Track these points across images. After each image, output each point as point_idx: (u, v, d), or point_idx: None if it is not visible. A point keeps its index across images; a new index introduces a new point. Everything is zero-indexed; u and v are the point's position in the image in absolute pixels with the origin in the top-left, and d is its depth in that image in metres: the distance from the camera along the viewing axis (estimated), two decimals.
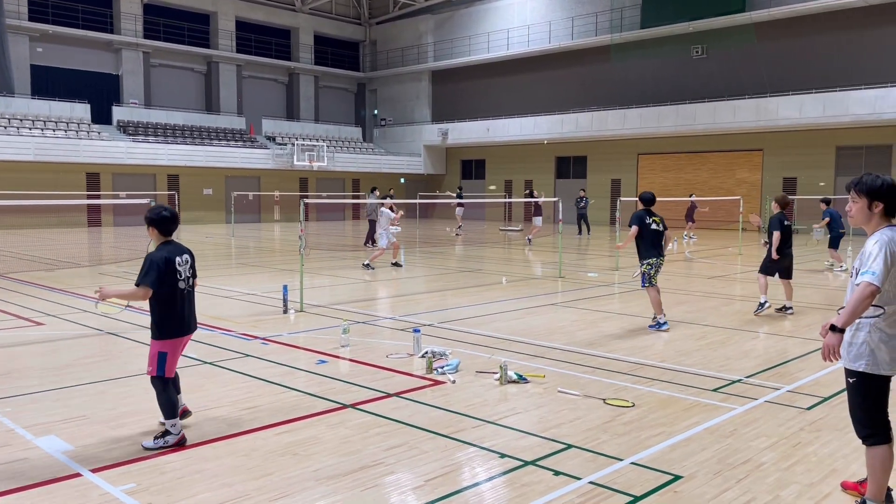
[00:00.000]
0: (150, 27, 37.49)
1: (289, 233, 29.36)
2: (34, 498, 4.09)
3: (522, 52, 37.77)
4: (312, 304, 10.85)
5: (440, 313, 10.38)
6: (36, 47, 33.92)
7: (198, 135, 36.54)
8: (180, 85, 39.22)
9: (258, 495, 4.15)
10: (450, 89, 42.50)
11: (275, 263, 17.67)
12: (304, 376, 6.86)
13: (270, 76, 42.89)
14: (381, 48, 45.97)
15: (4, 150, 28.70)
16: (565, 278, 14.29)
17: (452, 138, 40.38)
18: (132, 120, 35.12)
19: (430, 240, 26.03)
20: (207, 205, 35.08)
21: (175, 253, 5.04)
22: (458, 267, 17.05)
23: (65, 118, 32.57)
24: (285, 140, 39.16)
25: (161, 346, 4.98)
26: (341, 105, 46.49)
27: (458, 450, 4.90)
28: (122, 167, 32.06)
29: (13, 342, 8.36)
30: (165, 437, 4.88)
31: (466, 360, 7.35)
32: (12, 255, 18.85)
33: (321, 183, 39.39)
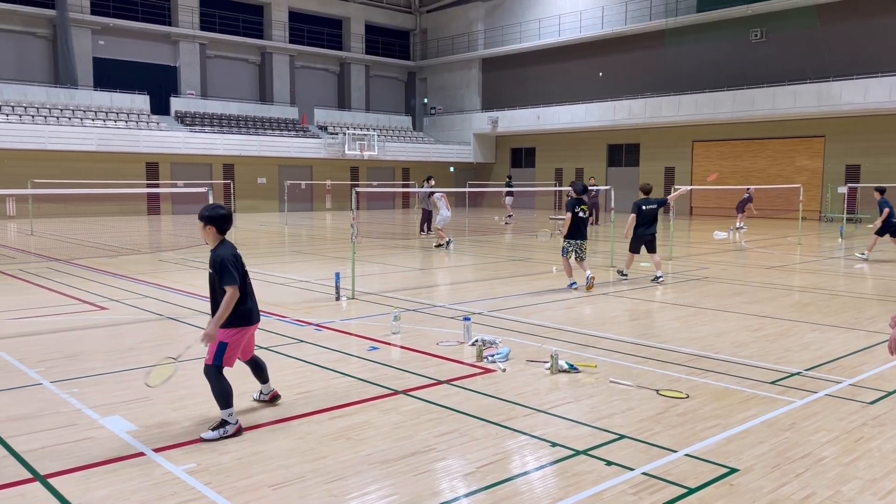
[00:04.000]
0: (207, 19, 38.27)
1: (339, 221, 29.71)
2: (100, 476, 4.26)
3: (574, 39, 37.26)
4: (364, 292, 10.97)
5: (490, 302, 10.38)
6: (98, 40, 34.98)
7: (252, 125, 37.22)
8: (235, 76, 39.97)
9: (313, 478, 4.24)
10: (500, 77, 42.24)
11: (326, 251, 17.91)
12: (356, 362, 6.96)
13: (322, 66, 43.34)
14: (431, 36, 45.95)
15: (69, 140, 29.76)
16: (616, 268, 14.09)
17: (502, 126, 40.17)
18: (189, 110, 35.96)
19: (479, 228, 26.01)
20: (261, 193, 35.74)
21: (235, 248, 5.16)
22: (507, 256, 17.00)
23: (125, 109, 33.55)
24: (337, 129, 39.56)
25: (223, 335, 4.97)
26: (392, 94, 46.70)
27: (508, 438, 4.91)
28: (179, 157, 32.90)
29: (79, 326, 8.69)
30: (225, 427, 4.88)
31: (517, 348, 7.34)
32: (77, 242, 19.58)
33: (371, 172, 39.71)
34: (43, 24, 33.40)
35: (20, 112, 30.18)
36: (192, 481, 4.16)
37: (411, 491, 4.08)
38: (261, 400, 5.61)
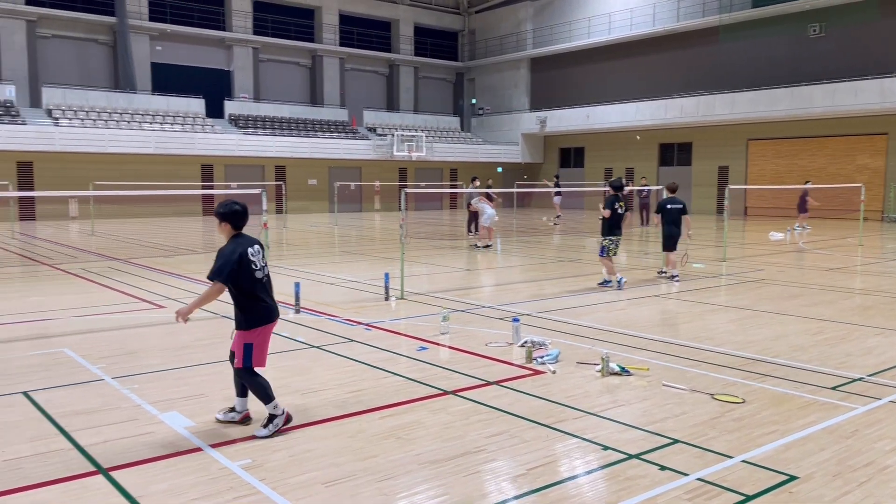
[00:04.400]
0: (259, 23, 39.01)
1: (388, 222, 29.94)
2: (160, 469, 4.38)
3: (625, 37, 36.76)
4: (412, 292, 11.03)
5: (538, 303, 10.32)
6: (155, 46, 35.99)
7: (303, 127, 37.80)
8: (287, 79, 40.64)
9: (364, 476, 4.28)
10: (549, 76, 41.95)
11: (375, 251, 18.07)
12: (405, 362, 7.00)
13: (371, 68, 43.73)
14: (479, 37, 45.92)
15: (127, 143, 30.70)
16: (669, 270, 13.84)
17: (551, 126, 39.88)
18: (242, 113, 36.71)
19: (527, 229, 25.88)
20: (312, 194, 36.25)
21: (245, 245, 5.03)
22: (556, 256, 16.88)
23: (181, 113, 34.44)
24: (385, 131, 39.87)
25: (247, 337, 4.99)
26: (440, 95, 46.83)
27: (559, 440, 4.87)
28: (233, 159, 33.62)
29: (137, 324, 8.96)
30: (274, 422, 4.94)
31: (566, 350, 7.28)
32: (135, 242, 20.18)
33: (420, 173, 39.90)
34: (104, 30, 34.55)
35: (82, 116, 31.26)
36: (248, 477, 4.25)
37: (461, 492, 4.09)
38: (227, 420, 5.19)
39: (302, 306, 9.62)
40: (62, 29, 33.58)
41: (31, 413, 5.42)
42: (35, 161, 28.79)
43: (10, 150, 28.08)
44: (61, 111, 30.98)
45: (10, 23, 31.86)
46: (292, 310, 9.51)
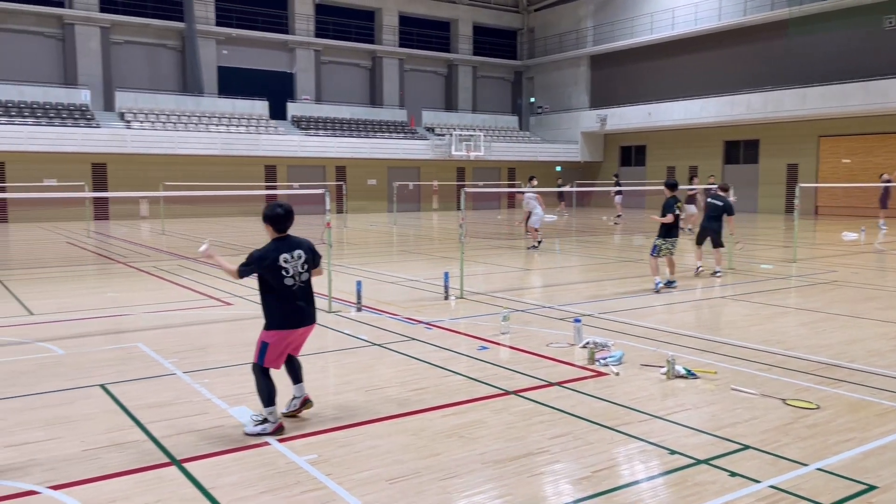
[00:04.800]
0: (321, 26, 39.69)
1: (446, 221, 30.02)
2: (229, 462, 4.50)
3: (689, 32, 35.91)
4: (471, 291, 11.03)
5: (600, 303, 10.18)
6: (221, 50, 37.02)
7: (363, 128, 38.27)
8: (347, 80, 41.23)
9: (428, 474, 4.30)
10: (609, 74, 41.34)
11: (433, 251, 18.15)
12: (466, 361, 7.01)
13: (430, 68, 43.95)
14: (538, 35, 45.62)
15: (195, 145, 31.67)
16: (735, 270, 13.49)
17: (611, 124, 39.29)
18: (304, 115, 37.41)
19: (587, 228, 25.58)
20: (371, 194, 36.67)
21: (282, 250, 5.01)
22: (616, 256, 16.62)
23: (246, 115, 35.33)
24: (444, 131, 40.01)
25: (265, 336, 5.02)
26: (498, 94, 46.72)
27: (624, 443, 4.80)
28: (295, 159, 34.29)
29: (207, 320, 9.23)
30: (264, 425, 4.93)
31: (630, 352, 7.15)
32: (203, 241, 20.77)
33: (478, 172, 39.89)
34: (173, 36, 35.72)
35: (153, 119, 32.40)
36: (314, 471, 4.33)
37: (525, 492, 4.07)
38: (291, 412, 5.25)
39: (363, 304, 9.74)
40: (134, 35, 34.88)
41: (108, 405, 5.65)
42: (109, 163, 29.97)
43: (86, 152, 29.32)
44: (133, 114, 32.17)
45: (85, 29, 33.27)
46: (354, 308, 9.63)
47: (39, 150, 28.32)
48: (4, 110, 29.57)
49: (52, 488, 4.10)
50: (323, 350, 7.54)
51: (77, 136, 29.21)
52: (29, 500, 3.97)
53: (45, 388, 6.11)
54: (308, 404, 5.31)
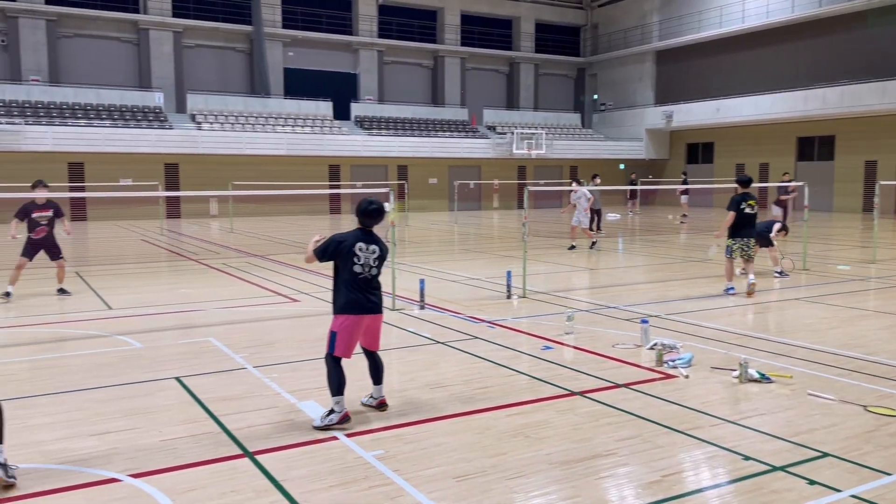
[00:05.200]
0: (384, 27, 40.10)
1: (507, 220, 29.92)
2: (300, 456, 4.60)
3: (760, 25, 34.76)
4: (534, 291, 10.96)
5: (667, 304, 9.96)
6: (288, 52, 37.81)
7: (424, 127, 38.49)
8: (409, 80, 41.54)
9: (494, 473, 4.30)
10: (675, 69, 40.40)
11: (494, 250, 18.11)
12: (529, 361, 6.97)
13: (492, 67, 43.86)
14: (602, 31, 44.96)
15: (262, 145, 32.46)
16: (810, 271, 13.00)
17: (677, 121, 38.40)
18: (367, 115, 37.88)
19: (652, 228, 25.08)
20: (432, 193, 36.84)
21: (358, 239, 5.26)
22: (683, 256, 16.24)
23: (311, 115, 35.99)
24: (505, 129, 39.87)
25: (334, 323, 5.24)
26: (560, 92, 46.28)
27: (695, 447, 4.68)
28: (358, 159, 34.76)
29: (274, 316, 9.45)
30: (330, 416, 5.06)
31: (699, 354, 6.98)
32: (270, 239, 21.30)
33: (539, 170, 39.59)
34: (241, 39, 36.69)
35: (222, 120, 33.35)
36: (382, 467, 4.38)
37: (593, 495, 4.02)
38: (367, 404, 5.52)
39: (426, 302, 9.79)
40: (204, 38, 35.98)
41: (184, 397, 5.84)
42: (180, 163, 31.01)
43: (159, 152, 30.41)
44: (203, 116, 33.18)
45: (159, 34, 34.50)
46: (417, 306, 9.70)
47: (116, 151, 29.53)
48: (84, 113, 30.95)
49: (132, 476, 4.27)
50: (387, 347, 7.59)
51: (151, 137, 30.33)
52: (111, 487, 4.14)
53: (125, 379, 6.37)
54: (383, 407, 5.45)
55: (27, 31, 31.88)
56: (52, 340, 8.12)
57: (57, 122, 29.57)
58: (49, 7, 32.14)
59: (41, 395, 5.90)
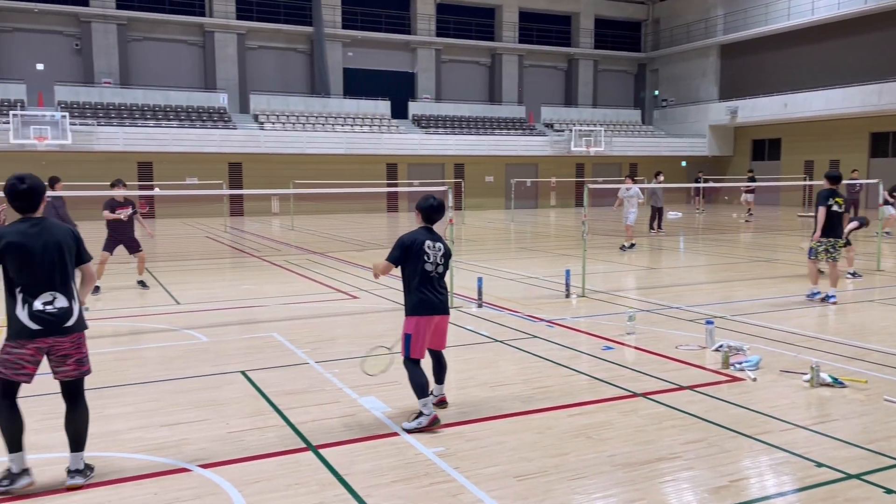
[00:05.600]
0: (442, 25, 40.22)
1: (564, 218, 29.63)
2: (362, 451, 4.65)
3: (831, 17, 33.46)
4: (593, 290, 10.83)
5: (732, 305, 9.71)
6: (347, 52, 38.32)
7: (481, 125, 38.45)
8: (467, 78, 41.55)
9: (556, 473, 4.26)
10: (741, 63, 39.27)
11: (552, 248, 17.96)
12: (589, 361, 6.88)
13: (550, 63, 43.49)
14: (664, 26, 44.05)
15: (322, 144, 32.99)
16: (885, 272, 12.46)
17: (742, 116, 37.31)
18: (425, 114, 38.07)
19: (715, 226, 24.46)
20: (488, 191, 36.77)
21: (426, 237, 5.21)
22: (748, 256, 15.78)
23: (369, 115, 36.39)
24: (563, 126, 39.49)
25: (406, 326, 5.15)
26: (620, 88, 45.55)
27: (764, 453, 4.55)
28: (415, 158, 34.96)
29: (335, 312, 9.59)
30: (419, 420, 5.00)
31: (767, 357, 6.77)
32: (329, 236, 21.63)
33: (597, 168, 39.06)
34: (302, 40, 37.35)
35: (283, 120, 34.04)
36: (443, 464, 4.39)
37: (657, 499, 3.95)
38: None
39: (484, 301, 9.78)
40: (267, 40, 36.76)
41: (249, 391, 5.99)
42: (243, 162, 31.78)
43: (223, 152, 31.24)
44: (266, 116, 33.93)
45: (224, 36, 35.43)
46: (475, 304, 9.70)
47: (182, 150, 30.46)
48: (152, 114, 32.04)
49: (202, 467, 4.40)
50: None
51: (216, 137, 31.18)
52: (182, 476, 4.28)
53: (193, 372, 6.57)
54: (443, 404, 5.45)
55: (99, 35, 33.18)
56: (125, 333, 8.44)
57: (127, 123, 30.69)
58: (120, 11, 33.37)
59: (116, 386, 6.14)
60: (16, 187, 4.10)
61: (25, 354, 4.06)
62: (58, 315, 4.10)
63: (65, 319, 4.14)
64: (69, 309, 4.16)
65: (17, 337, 4.05)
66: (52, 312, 4.08)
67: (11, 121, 27.42)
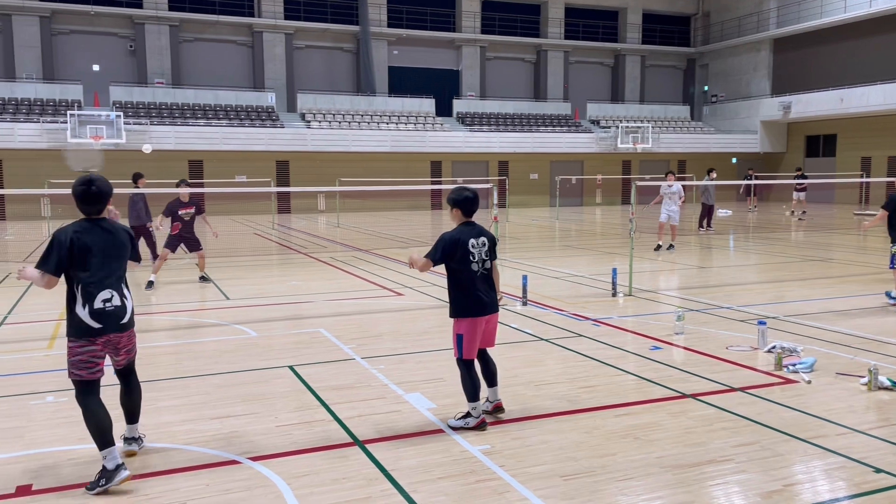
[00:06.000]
0: (487, 22, 40.14)
1: (610, 216, 29.28)
2: (408, 447, 4.68)
3: (890, 9, 32.31)
4: (641, 289, 10.67)
5: (784, 305, 9.46)
6: (392, 50, 38.54)
7: (526, 122, 38.26)
8: (511, 75, 41.39)
9: (603, 473, 4.22)
10: (794, 57, 38.21)
11: (597, 246, 17.76)
12: (637, 360, 6.79)
13: (596, 59, 43.01)
14: (714, 20, 43.14)
15: (367, 143, 33.27)
16: None
17: (796, 112, 36.32)
18: (469, 111, 38.05)
19: (767, 224, 23.87)
20: (533, 189, 36.57)
21: (469, 235, 5.00)
22: (802, 255, 15.35)
23: (414, 113, 36.54)
24: (609, 123, 39.03)
25: (458, 326, 4.99)
26: (668, 84, 44.79)
27: (819, 457, 4.42)
28: (460, 155, 34.99)
29: (380, 309, 9.66)
30: (466, 419, 4.94)
31: (822, 359, 6.58)
32: (374, 234, 21.79)
33: (644, 165, 38.51)
34: (348, 39, 37.71)
35: (329, 119, 34.43)
36: (488, 462, 4.39)
37: (707, 502, 3.87)
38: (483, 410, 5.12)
39: (529, 299, 9.73)
40: (313, 39, 37.23)
41: (297, 385, 6.07)
42: (291, 160, 32.26)
43: (271, 150, 31.77)
44: (312, 115, 34.36)
45: (272, 36, 36.00)
46: (520, 302, 9.66)
47: (232, 149, 31.08)
48: (203, 113, 32.74)
49: (251, 459, 4.48)
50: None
51: (264, 135, 31.72)
52: (232, 469, 4.36)
53: (243, 366, 6.69)
54: (500, 411, 5.19)
55: (152, 36, 34.05)
56: (178, 328, 8.65)
57: (179, 122, 31.43)
58: (172, 13, 34.19)
59: (168, 379, 6.30)
60: (86, 190, 4.21)
61: (96, 350, 4.18)
62: (116, 312, 4.23)
63: (121, 316, 4.27)
64: (124, 306, 4.29)
65: (82, 335, 4.15)
66: (111, 310, 4.21)
67: (69, 120, 28.36)
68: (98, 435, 4.09)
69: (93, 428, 4.12)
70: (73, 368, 4.16)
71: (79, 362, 4.15)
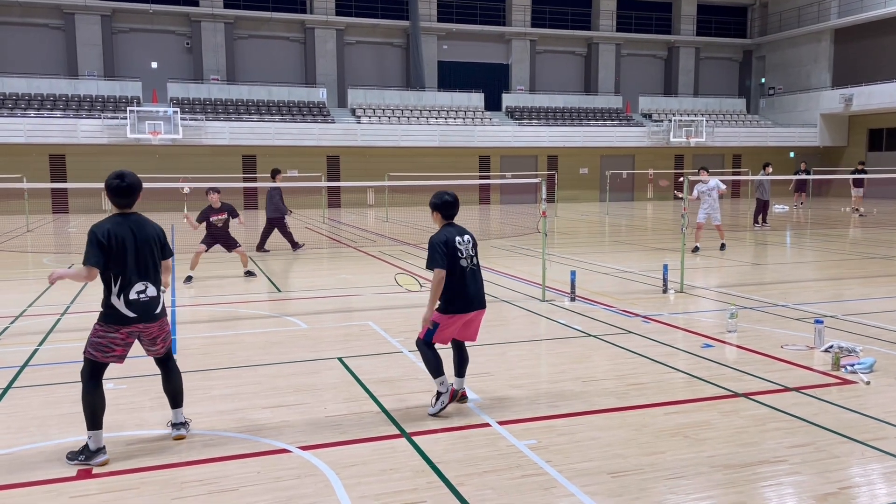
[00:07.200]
0: (537, 16, 39.83)
1: (661, 211, 28.78)
2: (454, 440, 4.71)
3: None
4: (692, 286, 10.48)
5: (842, 304, 9.17)
6: (442, 45, 38.59)
7: (576, 116, 37.86)
8: (561, 69, 41.01)
9: (651, 472, 4.17)
10: (857, 48, 36.87)
11: (648, 242, 17.49)
12: (687, 358, 6.68)
13: (649, 52, 42.27)
14: (772, 10, 41.91)
15: (416, 137, 33.41)
16: None
17: (858, 104, 35.06)
18: (518, 105, 37.85)
19: (825, 221, 23.13)
20: (582, 183, 36.22)
21: (454, 234, 5.15)
22: (862, 252, 14.84)
23: (463, 107, 36.53)
24: (661, 117, 38.34)
25: (437, 316, 5.11)
26: (723, 76, 43.73)
27: (878, 460, 4.28)
28: (508, 149, 34.86)
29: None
30: (440, 399, 5.10)
31: (882, 359, 6.36)
32: (423, 228, 21.88)
33: (698, 159, 37.64)
34: (398, 34, 37.91)
35: (379, 114, 34.69)
36: (534, 457, 4.38)
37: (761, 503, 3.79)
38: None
39: (577, 294, 9.65)
40: (364, 35, 37.55)
41: (345, 377, 6.16)
42: (341, 155, 32.64)
43: (322, 145, 32.19)
44: (362, 110, 34.68)
45: (323, 32, 36.44)
46: (568, 297, 9.59)
47: (284, 144, 31.61)
48: (256, 109, 33.37)
49: (300, 448, 4.57)
50: (537, 338, 7.63)
51: (315, 131, 32.17)
52: (282, 457, 4.46)
53: (293, 357, 6.82)
54: (464, 399, 5.34)
55: (208, 34, 34.83)
56: (230, 318, 8.86)
57: (233, 118, 32.11)
58: (227, 11, 34.91)
59: (221, 369, 6.46)
60: (118, 185, 4.41)
61: (117, 338, 4.42)
62: (149, 303, 4.48)
63: (154, 307, 4.52)
64: (157, 297, 4.54)
65: (112, 322, 4.40)
66: (144, 301, 4.45)
67: (129, 116, 29.26)
68: (90, 415, 4.36)
69: (87, 407, 4.38)
70: (90, 347, 4.42)
71: (98, 344, 4.40)
